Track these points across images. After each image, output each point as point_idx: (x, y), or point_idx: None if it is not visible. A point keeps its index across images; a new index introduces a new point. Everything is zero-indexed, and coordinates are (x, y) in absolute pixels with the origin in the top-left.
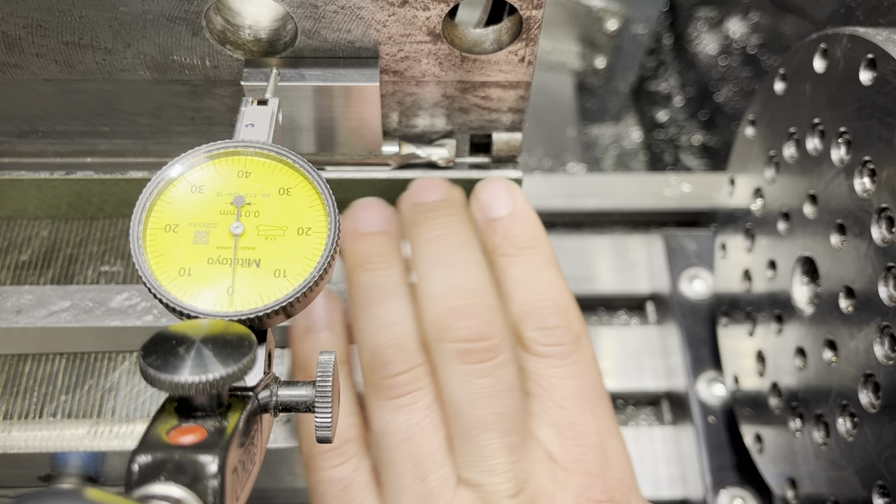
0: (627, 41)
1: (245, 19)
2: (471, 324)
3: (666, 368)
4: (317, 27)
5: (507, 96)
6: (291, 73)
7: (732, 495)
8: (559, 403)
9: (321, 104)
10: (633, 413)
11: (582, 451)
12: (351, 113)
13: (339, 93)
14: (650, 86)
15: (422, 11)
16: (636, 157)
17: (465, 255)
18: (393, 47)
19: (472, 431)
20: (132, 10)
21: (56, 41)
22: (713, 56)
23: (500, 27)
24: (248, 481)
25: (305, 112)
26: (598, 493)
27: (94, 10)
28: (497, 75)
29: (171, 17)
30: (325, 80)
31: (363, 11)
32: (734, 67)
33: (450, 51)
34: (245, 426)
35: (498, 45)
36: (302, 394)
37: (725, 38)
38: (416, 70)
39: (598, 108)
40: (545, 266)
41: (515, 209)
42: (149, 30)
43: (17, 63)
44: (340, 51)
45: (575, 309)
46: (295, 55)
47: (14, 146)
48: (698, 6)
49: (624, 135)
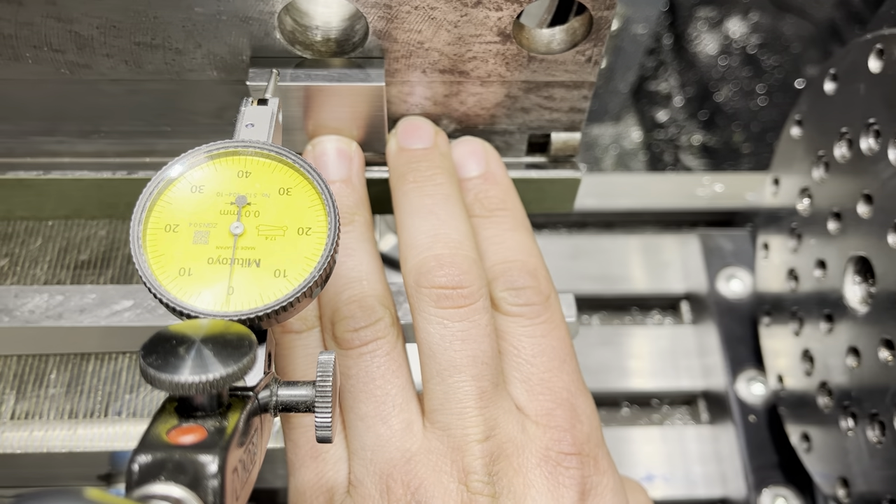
0: (627, 41)
1: (314, 20)
2: (450, 272)
3: (702, 368)
4: (388, 27)
5: (570, 96)
6: (299, 73)
7: (775, 494)
8: (529, 361)
9: (327, 104)
10: (668, 412)
11: (551, 406)
12: (357, 113)
13: (345, 93)
14: (650, 86)
15: (494, 12)
16: (636, 157)
17: (447, 207)
18: (462, 48)
19: (445, 373)
20: (207, 11)
21: (128, 42)
22: (713, 56)
23: (570, 27)
24: (248, 481)
25: (316, 111)
26: (567, 446)
27: (170, 10)
28: (562, 75)
29: (244, 17)
30: (331, 80)
31: (436, 12)
32: (734, 67)
33: (518, 51)
34: (245, 426)
35: (566, 46)
36: (302, 394)
37: (725, 38)
38: (482, 70)
39: (598, 107)
40: (515, 228)
41: (488, 170)
42: (221, 30)
43: (86, 63)
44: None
45: (544, 270)
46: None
47: (75, 146)
48: (698, 6)
49: (624, 135)
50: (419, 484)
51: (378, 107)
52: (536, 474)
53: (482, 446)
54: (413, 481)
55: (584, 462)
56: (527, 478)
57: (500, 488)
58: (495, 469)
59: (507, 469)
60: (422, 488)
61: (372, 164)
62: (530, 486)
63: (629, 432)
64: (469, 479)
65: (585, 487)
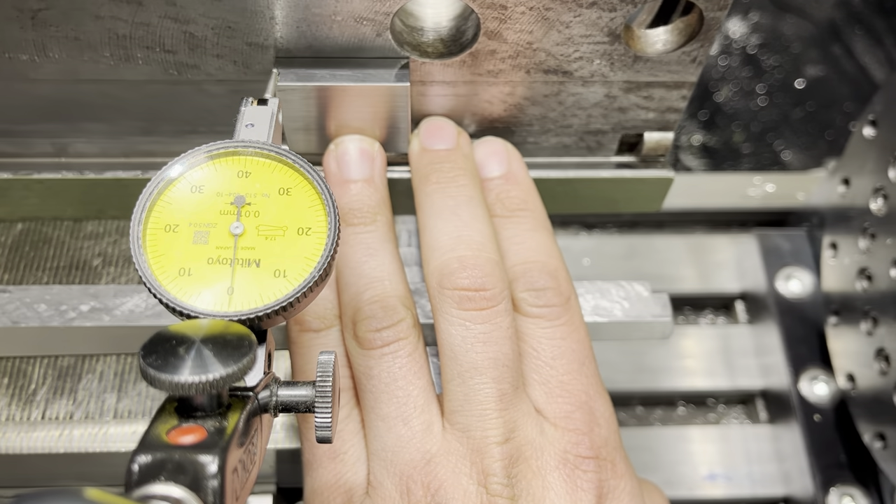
0: None
1: (423, 21)
2: (472, 273)
3: (760, 367)
4: (500, 28)
5: (670, 96)
6: (323, 73)
7: (842, 493)
8: (548, 363)
9: (351, 104)
10: (724, 411)
11: (570, 409)
12: (381, 113)
13: (370, 93)
14: None
15: (607, 13)
16: None
17: (470, 209)
18: (570, 48)
19: (466, 375)
20: (323, 12)
21: (241, 42)
22: (713, 56)
23: (677, 28)
24: (248, 481)
25: (340, 111)
26: (585, 449)
27: (287, 11)
28: (665, 75)
29: (359, 17)
30: (356, 80)
31: (550, 13)
32: (734, 67)
33: (625, 51)
34: (245, 426)
35: (674, 46)
36: (302, 394)
37: (725, 38)
38: (585, 70)
39: None
40: (536, 229)
41: (510, 170)
42: (334, 30)
43: (195, 64)
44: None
45: (564, 271)
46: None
47: (170, 146)
48: None
49: None
50: (439, 485)
51: (402, 107)
52: (555, 477)
53: (502, 448)
54: (433, 483)
55: (601, 465)
56: (545, 480)
57: (518, 490)
58: (514, 471)
59: (525, 471)
60: (441, 490)
61: (394, 164)
62: (549, 489)
63: (687, 431)
64: (488, 481)
65: (603, 491)
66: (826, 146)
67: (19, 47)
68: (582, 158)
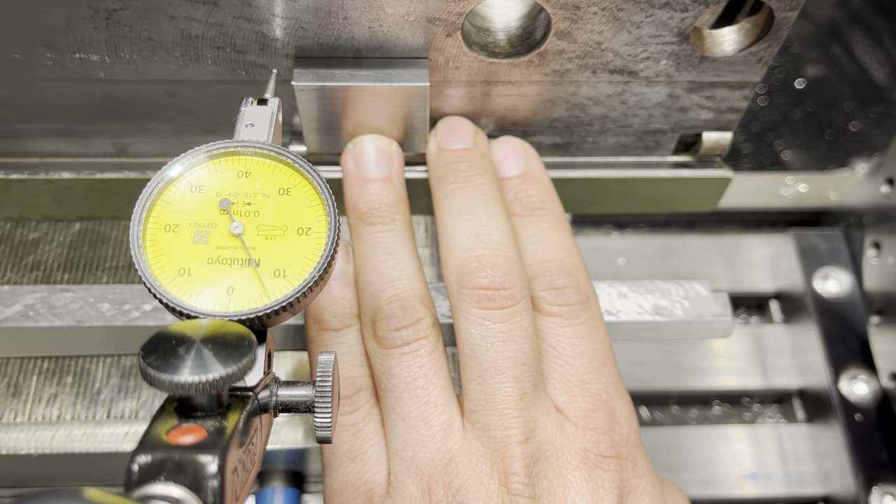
0: None
1: (491, 23)
2: (492, 272)
3: (797, 367)
4: (571, 28)
5: (732, 96)
6: (343, 73)
7: (884, 492)
8: (568, 362)
9: (370, 104)
10: (759, 411)
11: (591, 408)
12: (400, 113)
13: (389, 93)
14: None
15: (679, 13)
16: None
17: (489, 208)
18: (638, 48)
19: (487, 374)
20: (396, 12)
21: (311, 42)
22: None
23: (746, 28)
24: (248, 481)
25: (358, 111)
26: (606, 448)
27: (361, 11)
28: (729, 76)
29: (431, 17)
30: (376, 80)
31: (622, 13)
32: None
33: (692, 51)
34: (245, 426)
35: (742, 47)
36: (302, 394)
37: None
38: (651, 71)
39: None
40: (555, 227)
41: (527, 169)
42: (405, 30)
43: (264, 64)
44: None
45: (583, 270)
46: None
47: None
48: None
49: None
50: (460, 485)
51: (421, 107)
52: (576, 476)
53: (522, 448)
54: (454, 482)
55: (622, 465)
56: (566, 480)
57: (539, 490)
58: (535, 471)
59: (546, 471)
60: (463, 489)
61: (411, 163)
62: (570, 488)
63: (723, 431)
64: (509, 481)
65: (624, 490)
66: (826, 146)
67: (91, 47)
68: (639, 158)
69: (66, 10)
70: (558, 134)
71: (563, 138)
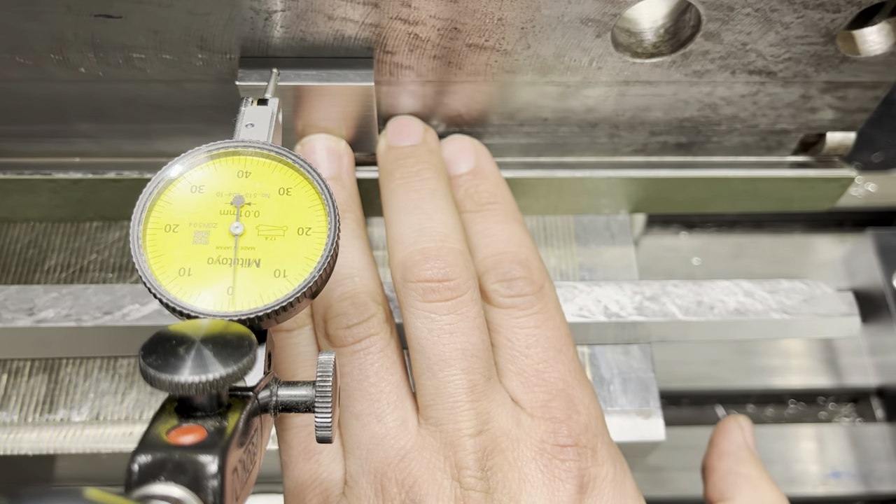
0: None
1: (636, 24)
2: (435, 264)
3: (875, 365)
4: (720, 29)
5: (864, 96)
6: (288, 73)
7: None
8: (523, 352)
9: (317, 103)
10: (834, 409)
11: (547, 398)
12: (347, 112)
13: (335, 92)
14: None
15: (830, 14)
16: None
17: (434, 201)
18: (782, 48)
19: (435, 367)
20: (552, 13)
21: (461, 43)
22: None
23: (887, 28)
24: (248, 481)
25: (307, 110)
26: (563, 437)
27: (516, 12)
28: (866, 76)
29: (585, 18)
30: (321, 80)
31: (775, 14)
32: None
33: (834, 52)
34: (245, 426)
35: (886, 47)
36: (302, 394)
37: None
38: (789, 71)
39: None
40: (506, 220)
41: (478, 166)
42: (557, 31)
43: (409, 65)
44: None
45: (536, 260)
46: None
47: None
48: None
49: None
50: (413, 482)
51: (368, 106)
52: (532, 468)
53: (475, 441)
54: (407, 479)
55: (581, 453)
56: (522, 472)
57: (494, 483)
58: (489, 464)
59: (501, 463)
60: (416, 486)
61: (363, 163)
62: (525, 481)
63: (800, 430)
64: (462, 475)
65: (584, 480)
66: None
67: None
68: (759, 158)
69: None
70: (684, 133)
71: (688, 138)
